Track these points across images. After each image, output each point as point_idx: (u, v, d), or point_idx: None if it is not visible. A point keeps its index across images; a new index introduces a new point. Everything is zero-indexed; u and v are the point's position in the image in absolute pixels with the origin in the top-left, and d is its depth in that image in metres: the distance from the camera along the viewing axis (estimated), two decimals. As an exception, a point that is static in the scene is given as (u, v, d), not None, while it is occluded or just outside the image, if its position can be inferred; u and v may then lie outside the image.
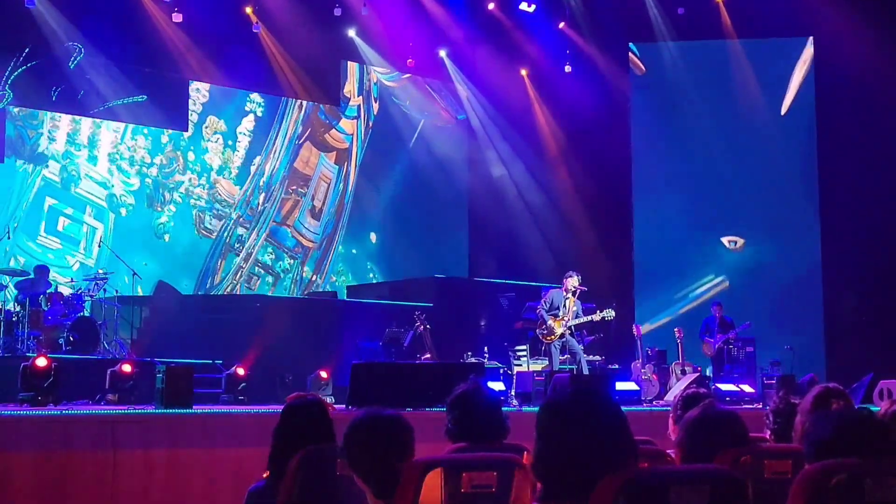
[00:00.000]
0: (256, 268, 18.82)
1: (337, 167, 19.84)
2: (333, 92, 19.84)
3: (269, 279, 18.98)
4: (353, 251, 20.16)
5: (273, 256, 19.05)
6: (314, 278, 19.47)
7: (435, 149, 20.82)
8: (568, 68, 19.72)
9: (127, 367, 10.96)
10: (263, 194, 18.92)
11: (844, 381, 10.47)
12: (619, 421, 2.70)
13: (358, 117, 20.17)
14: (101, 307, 14.54)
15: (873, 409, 5.90)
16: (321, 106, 19.65)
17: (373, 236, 20.30)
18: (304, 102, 19.48)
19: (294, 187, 19.35)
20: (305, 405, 4.71)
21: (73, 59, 16.62)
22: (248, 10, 17.82)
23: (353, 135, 20.12)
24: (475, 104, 20.77)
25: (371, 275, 20.18)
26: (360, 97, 20.23)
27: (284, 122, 19.28)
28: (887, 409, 5.29)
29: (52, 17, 16.26)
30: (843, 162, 18.69)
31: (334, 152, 19.87)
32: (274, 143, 19.11)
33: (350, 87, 20.11)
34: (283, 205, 19.21)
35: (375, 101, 20.45)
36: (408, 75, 20.36)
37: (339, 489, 4.02)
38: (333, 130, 19.85)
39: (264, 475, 4.60)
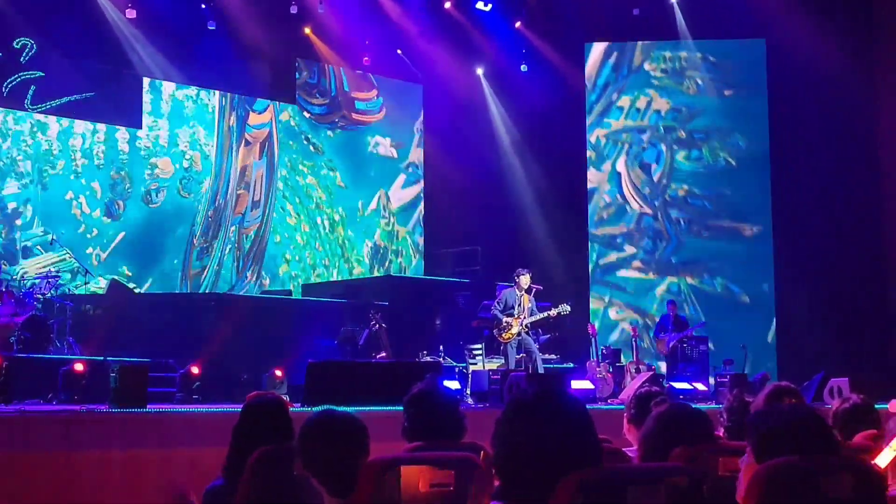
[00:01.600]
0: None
1: (265, 159, 19.69)
2: (289, 89, 19.76)
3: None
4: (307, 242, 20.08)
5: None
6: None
7: (391, 146, 20.82)
8: (524, 67, 19.81)
9: (79, 367, 10.85)
10: (214, 208, 18.83)
11: (796, 379, 10.60)
12: (584, 420, 2.71)
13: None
14: (52, 306, 14.40)
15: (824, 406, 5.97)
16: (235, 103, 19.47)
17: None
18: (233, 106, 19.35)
19: (241, 184, 19.26)
20: (265, 404, 4.70)
21: (24, 54, 16.44)
22: (203, 6, 17.71)
23: (270, 120, 19.91)
24: (431, 102, 20.78)
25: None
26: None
27: (223, 127, 19.19)
28: (839, 407, 5.36)
29: (1, 10, 16.07)
30: (796, 162, 18.90)
31: (256, 145, 19.71)
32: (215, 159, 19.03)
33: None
34: (235, 204, 19.14)
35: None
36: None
37: (296, 489, 4.01)
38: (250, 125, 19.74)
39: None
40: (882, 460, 4.70)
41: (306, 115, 20.06)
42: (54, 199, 16.99)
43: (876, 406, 5.74)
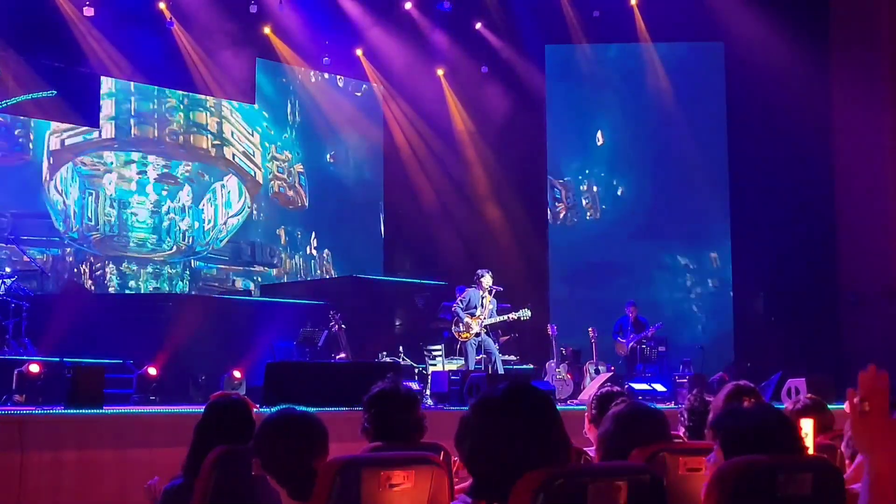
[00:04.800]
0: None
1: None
2: (248, 89, 19.65)
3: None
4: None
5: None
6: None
7: (350, 148, 20.77)
8: (484, 69, 19.82)
9: (35, 367, 10.72)
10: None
11: (753, 379, 10.67)
12: (553, 415, 2.71)
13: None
14: (8, 305, 14.20)
15: (781, 406, 6.02)
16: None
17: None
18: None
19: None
20: (230, 404, 4.68)
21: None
22: (162, 5, 17.58)
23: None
24: (391, 103, 20.74)
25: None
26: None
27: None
28: (792, 408, 5.42)
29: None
30: (754, 165, 19.05)
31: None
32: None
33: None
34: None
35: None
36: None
37: (254, 489, 3.99)
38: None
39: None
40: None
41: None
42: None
43: (831, 406, 5.80)
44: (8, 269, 14.95)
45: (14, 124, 17.11)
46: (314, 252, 20.23)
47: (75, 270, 17.54)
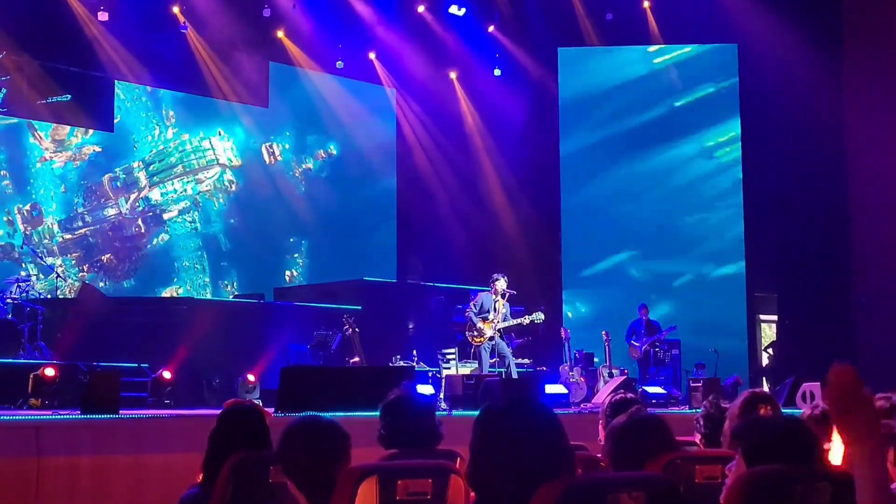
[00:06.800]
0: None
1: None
2: (261, 93, 19.67)
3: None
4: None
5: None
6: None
7: (363, 151, 20.76)
8: (497, 72, 19.83)
9: (50, 372, 10.74)
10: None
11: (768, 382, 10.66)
12: (555, 429, 2.70)
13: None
14: (23, 310, 14.25)
15: (796, 412, 6.01)
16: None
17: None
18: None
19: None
20: (243, 411, 4.68)
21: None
22: (176, 9, 17.61)
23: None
24: (404, 107, 20.74)
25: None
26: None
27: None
28: (809, 414, 5.38)
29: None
30: (767, 168, 19.02)
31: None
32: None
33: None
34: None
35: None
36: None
37: (272, 497, 3.99)
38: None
39: (198, 479, 4.56)
40: (834, 458, 4.73)
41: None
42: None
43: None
44: (23, 273, 14.99)
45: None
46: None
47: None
